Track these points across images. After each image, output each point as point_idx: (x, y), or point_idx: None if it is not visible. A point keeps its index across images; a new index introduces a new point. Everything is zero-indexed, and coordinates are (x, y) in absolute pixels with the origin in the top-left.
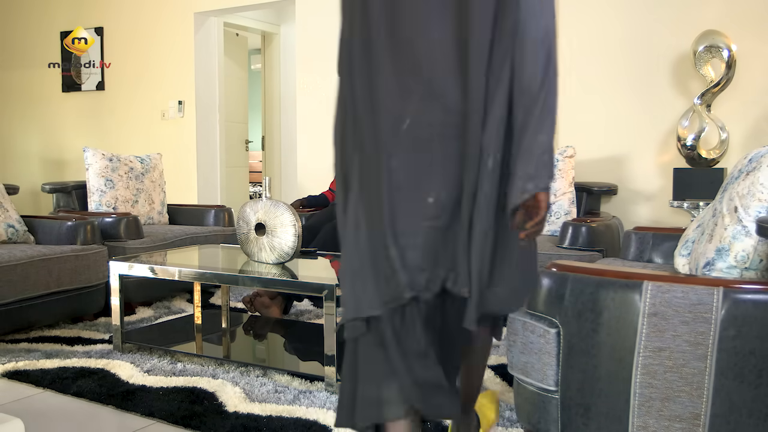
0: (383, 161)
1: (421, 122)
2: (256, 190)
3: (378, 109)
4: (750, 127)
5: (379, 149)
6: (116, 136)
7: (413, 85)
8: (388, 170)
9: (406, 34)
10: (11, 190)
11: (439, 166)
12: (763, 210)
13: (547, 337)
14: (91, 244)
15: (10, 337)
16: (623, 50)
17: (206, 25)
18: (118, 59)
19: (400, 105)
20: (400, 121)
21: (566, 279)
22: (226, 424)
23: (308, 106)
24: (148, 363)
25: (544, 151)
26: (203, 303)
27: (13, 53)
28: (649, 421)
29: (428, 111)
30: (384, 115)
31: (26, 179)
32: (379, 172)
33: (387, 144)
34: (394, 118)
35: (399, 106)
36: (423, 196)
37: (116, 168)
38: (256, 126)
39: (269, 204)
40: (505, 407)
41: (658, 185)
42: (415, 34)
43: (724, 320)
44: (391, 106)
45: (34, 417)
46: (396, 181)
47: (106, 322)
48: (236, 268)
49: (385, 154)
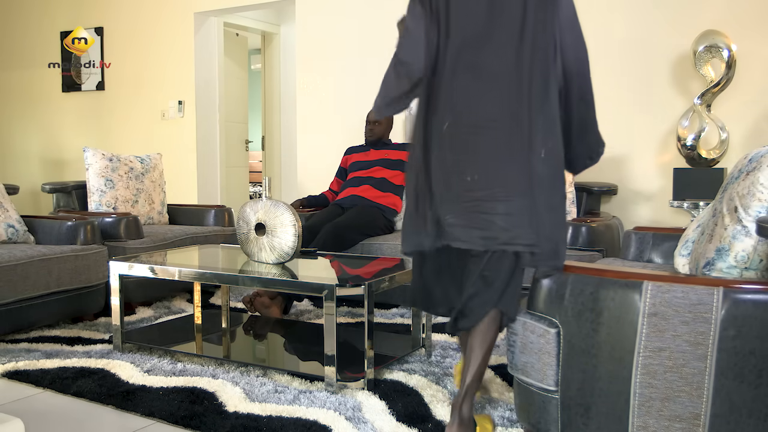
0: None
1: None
2: (256, 190)
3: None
4: (750, 127)
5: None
6: (116, 136)
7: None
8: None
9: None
10: (11, 190)
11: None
12: (763, 210)
13: (547, 337)
14: (91, 244)
15: (10, 337)
16: (623, 50)
17: (206, 25)
18: (118, 59)
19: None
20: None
21: (566, 279)
22: (226, 424)
23: (308, 106)
24: (148, 363)
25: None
26: (203, 303)
27: (13, 53)
28: (649, 421)
29: (472, 123)
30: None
31: (26, 179)
32: (441, 163)
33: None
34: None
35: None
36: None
37: (116, 168)
38: (256, 126)
39: (269, 204)
40: (505, 407)
41: (658, 185)
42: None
43: (724, 320)
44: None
45: (34, 417)
46: (449, 167)
47: (106, 322)
48: (236, 268)
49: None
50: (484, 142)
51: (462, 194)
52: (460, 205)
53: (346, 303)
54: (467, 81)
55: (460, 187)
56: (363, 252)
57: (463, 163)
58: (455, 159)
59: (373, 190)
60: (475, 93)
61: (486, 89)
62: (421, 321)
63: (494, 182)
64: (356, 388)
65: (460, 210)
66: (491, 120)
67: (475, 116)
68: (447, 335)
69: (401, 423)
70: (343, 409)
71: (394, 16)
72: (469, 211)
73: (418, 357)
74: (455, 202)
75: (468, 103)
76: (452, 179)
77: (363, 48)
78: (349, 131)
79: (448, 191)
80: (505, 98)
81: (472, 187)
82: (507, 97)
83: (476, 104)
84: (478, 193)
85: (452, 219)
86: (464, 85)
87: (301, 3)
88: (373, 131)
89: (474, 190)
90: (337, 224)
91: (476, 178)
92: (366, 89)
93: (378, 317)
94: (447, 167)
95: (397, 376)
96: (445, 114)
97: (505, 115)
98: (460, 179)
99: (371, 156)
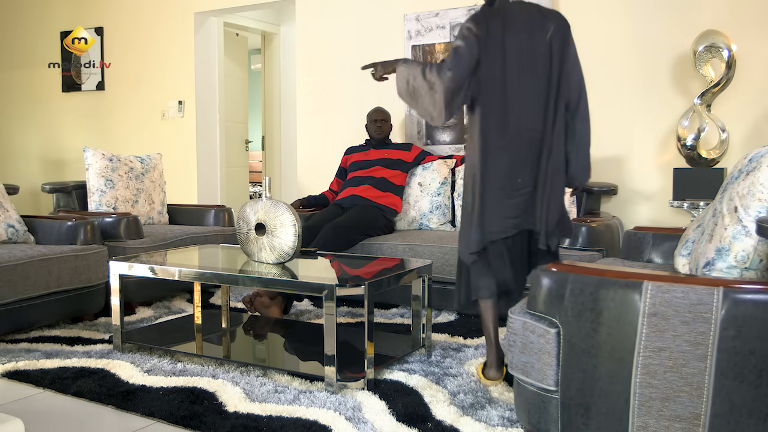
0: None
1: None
2: (256, 190)
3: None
4: (750, 127)
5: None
6: (116, 136)
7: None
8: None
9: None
10: (11, 190)
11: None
12: (763, 210)
13: (547, 337)
14: (91, 244)
15: (10, 337)
16: (623, 50)
17: (206, 25)
18: (118, 59)
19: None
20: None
21: (566, 279)
22: (226, 424)
23: (308, 106)
24: (148, 363)
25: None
26: (203, 303)
27: (13, 53)
28: (649, 421)
29: (523, 133)
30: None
31: (26, 179)
32: (497, 164)
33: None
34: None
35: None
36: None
37: (116, 168)
38: (256, 126)
39: (269, 204)
40: (505, 407)
41: (658, 185)
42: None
43: (724, 320)
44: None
45: (34, 417)
46: (502, 170)
47: (106, 322)
48: (236, 268)
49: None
50: (532, 148)
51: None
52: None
53: (346, 303)
54: (518, 100)
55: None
56: (363, 252)
57: (516, 165)
58: (511, 160)
59: (372, 189)
60: (523, 110)
61: (530, 108)
62: (421, 321)
63: (531, 181)
64: (356, 388)
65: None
66: (535, 131)
67: (524, 129)
68: (447, 335)
69: (401, 423)
70: (343, 409)
71: (394, 16)
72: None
73: (418, 357)
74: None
75: (518, 118)
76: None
77: (363, 48)
78: (349, 131)
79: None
80: (541, 115)
81: (521, 186)
82: (542, 114)
83: (524, 119)
84: (525, 190)
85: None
86: (517, 103)
87: (301, 3)
88: (382, 129)
89: (522, 188)
90: (337, 224)
91: (524, 178)
92: (366, 89)
93: (378, 317)
94: (505, 168)
95: (397, 376)
96: (503, 125)
97: (540, 128)
98: (513, 179)
99: (371, 156)
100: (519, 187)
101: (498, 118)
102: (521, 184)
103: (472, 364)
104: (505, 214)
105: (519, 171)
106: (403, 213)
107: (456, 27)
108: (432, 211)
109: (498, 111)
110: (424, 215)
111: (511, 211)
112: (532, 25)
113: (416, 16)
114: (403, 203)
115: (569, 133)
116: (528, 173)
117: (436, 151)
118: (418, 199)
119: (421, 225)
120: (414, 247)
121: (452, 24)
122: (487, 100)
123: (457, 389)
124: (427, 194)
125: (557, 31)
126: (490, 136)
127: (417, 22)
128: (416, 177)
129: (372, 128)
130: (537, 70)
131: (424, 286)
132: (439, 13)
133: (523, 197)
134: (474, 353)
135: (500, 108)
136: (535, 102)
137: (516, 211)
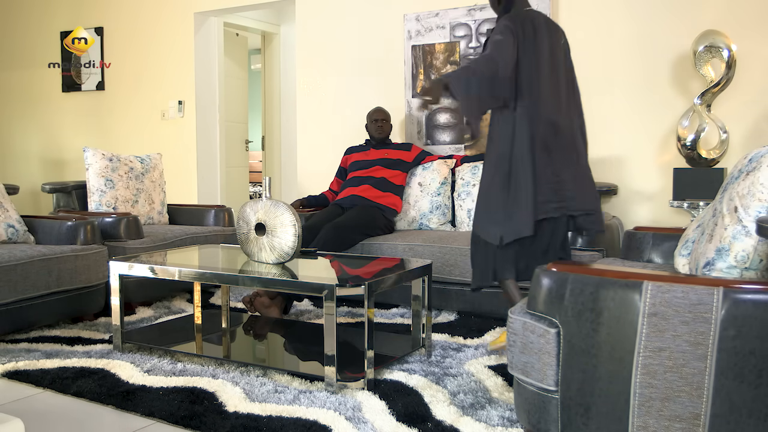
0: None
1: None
2: (256, 190)
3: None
4: (750, 127)
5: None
6: (116, 136)
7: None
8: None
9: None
10: (11, 190)
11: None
12: (763, 210)
13: (547, 337)
14: (91, 244)
15: (10, 337)
16: (623, 50)
17: (206, 25)
18: (118, 59)
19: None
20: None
21: (566, 279)
22: (226, 424)
23: (308, 106)
24: (148, 363)
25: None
26: (203, 303)
27: (13, 53)
28: (649, 421)
29: (565, 135)
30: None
31: (26, 179)
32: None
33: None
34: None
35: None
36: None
37: (116, 168)
38: (256, 126)
39: (269, 204)
40: (505, 407)
41: (658, 185)
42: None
43: (724, 320)
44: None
45: (34, 417)
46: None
47: (106, 322)
48: (236, 268)
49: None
50: (569, 141)
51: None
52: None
53: (346, 303)
54: (556, 100)
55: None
56: (363, 252)
57: (559, 155)
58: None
59: (372, 189)
60: (557, 105)
61: (562, 104)
62: (421, 321)
63: (570, 171)
64: (356, 388)
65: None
66: (568, 126)
67: (563, 129)
68: (447, 335)
69: (401, 423)
70: (343, 409)
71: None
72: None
73: (418, 357)
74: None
75: (558, 117)
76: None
77: (363, 48)
78: (349, 131)
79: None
80: (569, 110)
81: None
82: (574, 114)
83: (563, 119)
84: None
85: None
86: (556, 103)
87: (301, 3)
88: (383, 129)
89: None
90: (338, 224)
91: (565, 168)
92: (366, 89)
93: (378, 317)
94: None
95: (397, 376)
96: (545, 122)
97: (569, 124)
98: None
99: (371, 156)
100: (561, 175)
101: (545, 112)
102: (563, 172)
103: (472, 364)
104: (549, 198)
105: (562, 161)
106: (403, 213)
107: (456, 27)
108: (432, 211)
109: (541, 105)
110: (424, 215)
111: (555, 196)
112: (550, 31)
113: (416, 16)
114: (403, 203)
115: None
116: (568, 164)
117: (436, 151)
118: (418, 199)
119: (421, 225)
120: (414, 247)
121: (452, 24)
122: (529, 94)
123: (457, 389)
124: (427, 194)
125: (566, 41)
126: (534, 128)
127: (417, 22)
128: (416, 177)
129: (372, 128)
130: (560, 71)
131: (424, 286)
132: (439, 13)
133: (565, 184)
134: (474, 353)
135: (542, 102)
136: (565, 98)
137: (559, 197)
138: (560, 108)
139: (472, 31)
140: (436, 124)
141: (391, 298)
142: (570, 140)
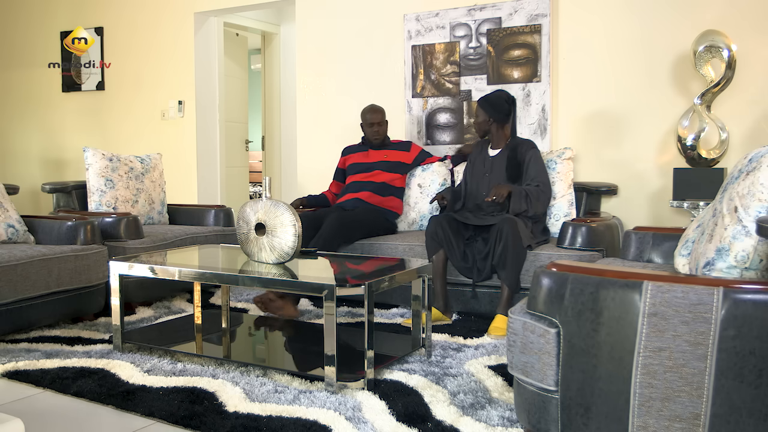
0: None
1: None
2: (256, 190)
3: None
4: (750, 127)
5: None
6: (116, 136)
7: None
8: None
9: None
10: (11, 190)
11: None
12: (763, 210)
13: (547, 337)
14: (91, 244)
15: (10, 337)
16: (623, 50)
17: (206, 25)
18: (118, 59)
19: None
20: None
21: (566, 279)
22: (226, 424)
23: (308, 106)
24: (148, 363)
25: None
26: (203, 303)
27: (13, 53)
28: (649, 421)
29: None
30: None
31: (26, 179)
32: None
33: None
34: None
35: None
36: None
37: (116, 168)
38: (256, 126)
39: (269, 204)
40: (505, 407)
41: (658, 185)
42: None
43: (724, 320)
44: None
45: (34, 417)
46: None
47: (106, 322)
48: (236, 268)
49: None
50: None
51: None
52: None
53: (346, 303)
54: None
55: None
56: (363, 252)
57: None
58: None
59: (374, 195)
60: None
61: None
62: (421, 321)
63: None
64: (356, 388)
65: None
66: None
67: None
68: (447, 335)
69: (401, 423)
70: (343, 409)
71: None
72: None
73: (418, 357)
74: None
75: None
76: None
77: (363, 48)
78: (349, 131)
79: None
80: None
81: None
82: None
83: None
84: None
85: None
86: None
87: (301, 3)
88: (378, 133)
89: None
90: (343, 217)
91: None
92: (366, 89)
93: (378, 317)
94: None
95: (397, 376)
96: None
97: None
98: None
99: (370, 158)
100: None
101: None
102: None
103: (472, 364)
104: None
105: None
106: (404, 214)
107: (456, 27)
108: (432, 212)
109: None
110: (424, 216)
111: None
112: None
113: (416, 16)
114: (404, 205)
115: None
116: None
117: (435, 151)
118: (418, 201)
119: (421, 226)
120: (414, 247)
121: (452, 24)
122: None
123: (457, 389)
124: (426, 195)
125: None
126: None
127: (417, 22)
128: (416, 178)
129: (369, 132)
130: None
131: (424, 286)
132: (439, 13)
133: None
134: (474, 353)
135: None
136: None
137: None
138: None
139: (472, 31)
140: (436, 124)
141: (391, 298)
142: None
